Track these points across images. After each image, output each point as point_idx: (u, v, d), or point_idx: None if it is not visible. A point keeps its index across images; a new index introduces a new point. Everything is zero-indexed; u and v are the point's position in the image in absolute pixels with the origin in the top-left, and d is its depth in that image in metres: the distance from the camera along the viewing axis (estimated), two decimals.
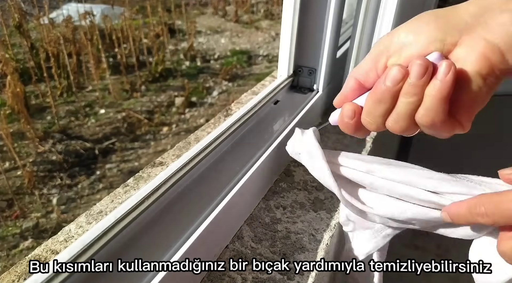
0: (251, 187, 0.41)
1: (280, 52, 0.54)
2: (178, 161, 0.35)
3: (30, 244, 1.55)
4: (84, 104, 2.59)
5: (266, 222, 0.41)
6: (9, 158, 1.98)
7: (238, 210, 0.39)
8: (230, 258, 0.37)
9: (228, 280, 0.34)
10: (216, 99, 2.86)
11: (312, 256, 0.38)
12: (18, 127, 2.19)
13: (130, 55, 3.18)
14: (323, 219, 0.43)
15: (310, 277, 0.35)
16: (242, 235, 0.39)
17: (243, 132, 0.45)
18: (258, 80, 1.85)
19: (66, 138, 2.25)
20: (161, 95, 2.85)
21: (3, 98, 2.24)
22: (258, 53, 3.73)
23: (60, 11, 3.46)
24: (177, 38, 3.83)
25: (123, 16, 3.15)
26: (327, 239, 0.40)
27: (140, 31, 3.38)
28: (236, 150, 0.42)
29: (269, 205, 0.44)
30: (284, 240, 0.39)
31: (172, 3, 4.16)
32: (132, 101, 2.73)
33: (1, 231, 1.61)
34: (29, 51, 2.49)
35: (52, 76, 2.50)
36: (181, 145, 0.50)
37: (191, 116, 2.61)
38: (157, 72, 3.06)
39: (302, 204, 0.45)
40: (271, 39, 4.06)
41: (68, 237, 0.34)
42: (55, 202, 1.79)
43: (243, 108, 0.45)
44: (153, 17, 3.67)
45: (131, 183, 0.42)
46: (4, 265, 1.45)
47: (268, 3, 4.98)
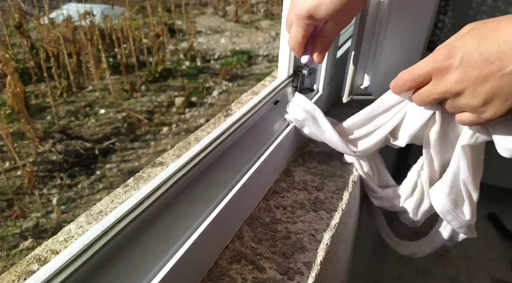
0: (251, 187, 0.41)
1: (280, 52, 0.54)
2: (178, 161, 0.35)
3: (30, 244, 1.55)
4: (84, 104, 2.59)
5: (266, 222, 0.41)
6: (9, 158, 1.98)
7: (238, 210, 0.39)
8: (230, 258, 0.37)
9: (228, 280, 0.34)
10: (216, 99, 2.86)
11: (312, 256, 0.38)
12: (18, 127, 2.19)
13: (130, 55, 3.18)
14: (323, 219, 0.43)
15: (310, 277, 0.35)
16: (242, 235, 0.39)
17: (243, 132, 0.45)
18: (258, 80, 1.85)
19: (66, 138, 2.25)
20: (161, 95, 2.85)
21: (3, 98, 2.24)
22: (258, 53, 3.73)
23: (60, 11, 3.46)
24: (177, 38, 3.83)
25: (123, 16, 3.15)
26: (327, 239, 0.40)
27: (140, 31, 3.38)
28: (236, 150, 0.42)
29: (269, 205, 0.44)
30: (284, 240, 0.39)
31: (172, 3, 4.16)
32: (132, 101, 2.73)
33: (1, 231, 1.61)
34: (29, 51, 2.49)
35: (52, 76, 2.50)
36: (181, 145, 0.49)
37: (191, 116, 2.61)
38: (157, 72, 3.06)
39: (302, 204, 0.45)
40: (271, 39, 4.06)
41: (68, 237, 0.34)
42: (55, 202, 1.79)
43: (243, 108, 0.45)
44: (153, 17, 3.67)
45: (131, 183, 0.42)
46: (4, 265, 1.45)
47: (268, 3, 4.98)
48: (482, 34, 0.34)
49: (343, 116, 0.66)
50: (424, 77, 0.38)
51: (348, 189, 0.48)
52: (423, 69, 0.38)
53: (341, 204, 0.45)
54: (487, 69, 0.33)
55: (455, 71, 0.35)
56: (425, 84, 0.38)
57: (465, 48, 0.34)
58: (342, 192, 0.47)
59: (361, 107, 0.69)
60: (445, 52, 0.35)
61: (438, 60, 0.36)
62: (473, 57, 0.33)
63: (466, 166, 0.42)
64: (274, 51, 3.73)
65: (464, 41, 0.34)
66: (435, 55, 0.36)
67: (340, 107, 0.69)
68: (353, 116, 0.48)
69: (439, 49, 0.36)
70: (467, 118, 0.37)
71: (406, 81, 0.40)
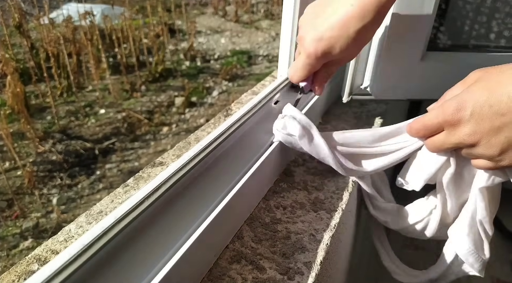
0: (251, 187, 0.41)
1: (280, 52, 0.54)
2: (178, 161, 0.35)
3: (30, 244, 1.55)
4: (84, 104, 2.59)
5: (266, 222, 0.41)
6: (9, 158, 1.98)
7: (238, 210, 0.39)
8: (230, 258, 0.37)
9: (228, 280, 0.34)
10: (216, 99, 2.86)
11: (312, 256, 0.37)
12: (18, 127, 2.19)
13: (130, 55, 3.18)
14: (323, 219, 0.43)
15: (310, 277, 0.35)
16: (242, 235, 0.39)
17: (243, 132, 0.45)
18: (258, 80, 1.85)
19: (66, 138, 2.25)
20: (161, 95, 2.85)
21: (3, 98, 2.24)
22: (258, 53, 3.73)
23: (60, 11, 3.46)
24: (177, 38, 3.83)
25: (123, 16, 3.15)
26: (327, 239, 0.40)
27: (140, 31, 3.38)
28: (236, 150, 0.42)
29: (269, 205, 0.44)
30: (284, 240, 0.39)
31: (172, 3, 4.16)
32: (132, 101, 2.73)
33: (1, 231, 1.61)
34: (29, 51, 2.48)
35: (52, 76, 2.50)
36: (181, 145, 0.49)
37: (191, 116, 2.61)
38: (157, 72, 3.06)
39: (302, 204, 0.45)
40: (271, 39, 4.06)
41: (68, 237, 0.34)
42: (55, 202, 1.79)
43: (243, 108, 0.45)
44: (153, 17, 3.67)
45: (131, 183, 0.42)
46: (4, 265, 1.45)
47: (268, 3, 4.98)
48: (489, 86, 0.34)
49: (343, 116, 0.66)
50: (436, 128, 0.39)
51: (348, 189, 0.48)
52: (434, 120, 0.38)
53: (341, 204, 0.45)
54: (499, 121, 0.33)
55: (467, 124, 0.35)
56: (438, 132, 0.39)
57: (474, 101, 0.35)
58: (342, 192, 0.47)
59: (361, 107, 0.69)
60: (454, 104, 0.36)
61: (447, 114, 0.36)
62: (484, 110, 0.34)
63: (484, 207, 0.42)
64: (274, 51, 3.74)
65: (472, 94, 0.35)
66: (444, 108, 0.37)
67: (340, 107, 0.69)
68: (353, 132, 0.46)
69: (448, 102, 0.37)
70: (484, 164, 0.37)
71: (418, 130, 0.41)
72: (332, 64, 0.44)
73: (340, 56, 0.41)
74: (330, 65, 0.44)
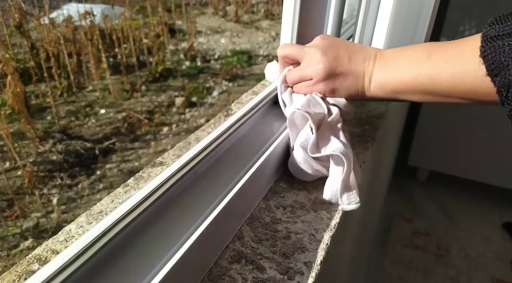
0: (251, 187, 0.41)
1: None
2: (178, 161, 0.35)
3: (30, 244, 1.55)
4: (84, 104, 2.59)
5: (266, 222, 0.41)
6: (9, 158, 1.98)
7: (238, 210, 0.39)
8: (230, 258, 0.37)
9: (228, 280, 0.34)
10: (216, 99, 2.86)
11: (312, 256, 0.38)
12: (18, 127, 2.20)
13: (130, 55, 3.18)
14: (323, 219, 0.43)
15: (310, 277, 0.35)
16: (242, 235, 0.39)
17: (244, 132, 0.45)
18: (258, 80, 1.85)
19: (66, 138, 2.25)
20: (161, 95, 2.85)
21: (4, 98, 2.24)
22: (258, 53, 3.73)
23: (60, 11, 3.46)
24: (177, 38, 3.83)
25: (123, 16, 3.15)
26: (327, 239, 0.40)
27: (140, 31, 3.38)
28: (236, 150, 0.42)
29: (269, 205, 0.44)
30: (284, 240, 0.39)
31: (172, 3, 4.16)
32: (132, 101, 2.73)
33: (2, 231, 1.61)
34: (29, 51, 2.49)
35: (52, 76, 2.50)
36: (181, 145, 0.50)
37: (191, 116, 2.62)
38: (157, 72, 3.06)
39: (302, 204, 0.45)
40: (271, 39, 4.06)
41: (68, 237, 0.34)
42: (55, 202, 1.80)
43: (243, 108, 0.45)
44: (153, 17, 3.67)
45: (131, 183, 0.42)
46: (5, 265, 1.45)
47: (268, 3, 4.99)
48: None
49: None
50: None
51: None
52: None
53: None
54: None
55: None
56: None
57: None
58: None
59: (362, 107, 0.69)
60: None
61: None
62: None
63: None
64: (274, 51, 3.74)
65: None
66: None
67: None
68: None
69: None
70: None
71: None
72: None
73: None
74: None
